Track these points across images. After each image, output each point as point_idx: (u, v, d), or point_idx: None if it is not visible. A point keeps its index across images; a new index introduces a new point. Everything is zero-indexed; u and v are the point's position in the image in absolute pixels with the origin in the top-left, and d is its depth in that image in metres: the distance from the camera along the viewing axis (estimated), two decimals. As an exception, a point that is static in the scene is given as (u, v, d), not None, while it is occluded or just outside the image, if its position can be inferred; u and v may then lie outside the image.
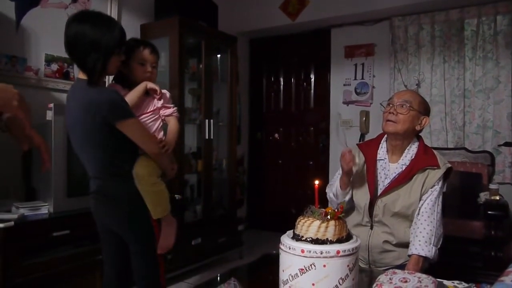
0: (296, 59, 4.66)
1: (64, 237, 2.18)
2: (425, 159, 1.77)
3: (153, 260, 1.74)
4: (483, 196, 2.97)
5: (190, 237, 3.21)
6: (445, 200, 1.81)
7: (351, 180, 1.82)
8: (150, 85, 1.77)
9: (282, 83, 4.78)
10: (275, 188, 4.79)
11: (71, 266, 2.21)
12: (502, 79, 3.53)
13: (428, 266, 1.71)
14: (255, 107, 4.91)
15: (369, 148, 1.89)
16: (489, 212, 2.79)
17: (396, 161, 1.82)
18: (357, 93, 4.22)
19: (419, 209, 1.75)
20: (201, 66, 3.45)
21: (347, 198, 1.84)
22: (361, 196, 1.81)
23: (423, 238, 1.68)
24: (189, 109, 3.52)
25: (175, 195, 2.99)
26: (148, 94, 1.79)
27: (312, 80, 4.60)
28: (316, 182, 1.32)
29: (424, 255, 1.66)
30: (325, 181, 2.23)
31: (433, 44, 3.79)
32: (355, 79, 4.22)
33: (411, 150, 1.81)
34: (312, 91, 4.59)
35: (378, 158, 1.85)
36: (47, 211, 2.18)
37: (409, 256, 1.70)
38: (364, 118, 4.10)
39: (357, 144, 1.95)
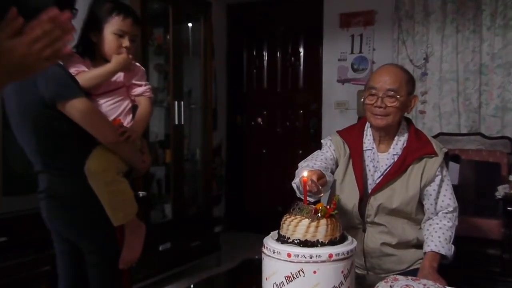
0: (283, 29, 4.64)
1: (0, 245, 2.13)
2: (419, 147, 1.80)
3: (114, 273, 1.72)
4: (502, 190, 3.02)
5: (158, 242, 3.20)
6: (456, 196, 1.85)
7: (332, 177, 1.80)
8: (124, 66, 1.69)
9: (266, 58, 4.76)
10: (259, 182, 4.80)
11: (9, 280, 2.16)
12: (526, 52, 3.59)
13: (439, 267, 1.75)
14: (234, 87, 4.88)
15: (352, 136, 1.90)
16: (508, 209, 2.85)
17: (385, 151, 1.85)
18: (354, 70, 4.23)
19: (435, 209, 1.79)
20: (168, 37, 3.41)
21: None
22: (349, 194, 1.82)
23: (443, 235, 1.74)
24: (155, 89, 3.45)
25: (139, 192, 2.97)
26: None
27: (301, 54, 4.59)
28: (305, 174, 1.33)
29: (444, 253, 1.71)
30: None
31: (444, 11, 3.81)
32: (352, 53, 4.23)
33: (402, 137, 1.84)
34: (302, 67, 4.59)
35: (364, 148, 1.86)
36: (-25, 213, 2.14)
37: (425, 253, 1.74)
38: (362, 99, 4.12)
39: (337, 132, 1.95)
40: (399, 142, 1.83)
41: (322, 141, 1.97)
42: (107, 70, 1.67)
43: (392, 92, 1.76)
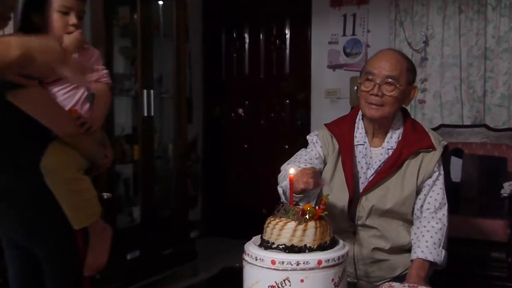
0: (266, 8, 4.63)
1: None
2: (416, 139, 1.81)
3: (75, 284, 1.71)
4: (508, 187, 3.08)
5: (125, 250, 3.18)
6: (458, 194, 1.87)
7: (321, 177, 1.81)
8: (77, 47, 1.68)
9: (247, 40, 4.74)
10: (240, 181, 4.80)
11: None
12: (535, 35, 3.65)
13: (433, 274, 1.77)
14: (212, 73, 4.86)
15: (342, 130, 1.90)
16: (515, 208, 2.91)
17: (379, 145, 1.86)
18: (347, 54, 4.25)
19: (422, 206, 1.80)
20: (135, 16, 3.38)
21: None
22: (338, 195, 1.82)
23: (431, 239, 1.73)
24: (120, 75, 3.45)
25: (103, 194, 2.95)
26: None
27: (288, 36, 4.58)
28: (291, 171, 1.33)
29: (432, 260, 1.71)
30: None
31: (446, -11, 3.86)
32: (344, 35, 4.24)
33: (397, 130, 1.85)
34: (288, 51, 4.58)
35: (355, 142, 1.87)
36: None
37: (412, 261, 1.74)
38: (356, 87, 4.14)
39: (325, 125, 1.95)
40: (394, 135, 1.84)
41: (307, 137, 1.97)
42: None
43: (391, 80, 1.76)
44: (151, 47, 3.42)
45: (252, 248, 1.13)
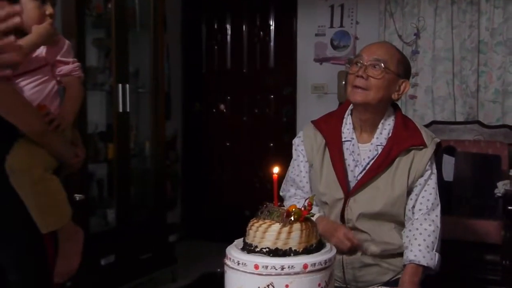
0: (249, -3, 4.63)
1: None
2: (407, 136, 1.82)
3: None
4: (502, 187, 3.11)
5: (99, 255, 3.15)
6: (451, 193, 1.89)
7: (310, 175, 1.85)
8: (48, 38, 1.67)
9: (229, 32, 4.74)
10: (221, 181, 4.80)
11: None
12: (531, 27, 3.69)
13: (425, 278, 1.78)
14: (191, 67, 4.85)
15: (329, 125, 1.91)
16: (509, 208, 2.92)
17: (367, 141, 1.86)
18: (334, 47, 4.26)
19: (414, 206, 1.81)
20: (109, 5, 3.35)
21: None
22: (330, 194, 1.84)
23: (424, 242, 1.74)
24: (94, 68, 3.43)
25: (75, 195, 2.94)
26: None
27: (272, 28, 4.59)
28: (276, 170, 1.32)
29: (425, 264, 1.72)
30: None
31: (438, -22, 3.89)
32: (332, 27, 4.26)
33: (387, 125, 1.86)
34: (272, 44, 4.60)
35: (343, 138, 1.88)
36: None
37: (404, 265, 1.76)
38: (344, 82, 4.16)
39: (312, 122, 1.96)
40: (384, 131, 1.85)
41: (293, 141, 2.00)
42: (28, 43, 1.64)
43: (379, 62, 1.77)
44: (127, 39, 3.40)
45: (234, 252, 1.12)
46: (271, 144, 4.55)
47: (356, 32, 4.20)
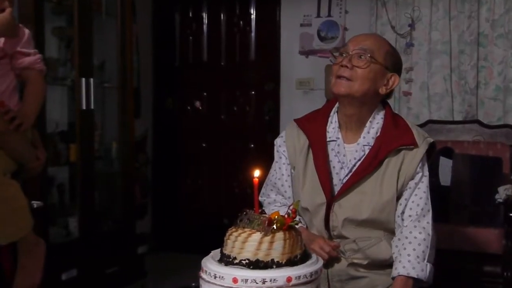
0: (228, -17, 4.63)
1: None
2: (396, 135, 1.82)
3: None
4: (504, 192, 3.13)
5: (60, 269, 3.13)
6: (448, 199, 1.89)
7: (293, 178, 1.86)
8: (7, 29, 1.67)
9: (206, 21, 4.74)
10: (197, 186, 4.79)
11: None
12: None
13: None
14: (163, 60, 4.85)
15: (313, 124, 1.91)
16: (511, 215, 2.95)
17: (354, 141, 1.87)
18: (321, 39, 4.27)
19: (403, 212, 1.81)
20: (72, -10, 3.33)
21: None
22: (311, 199, 1.85)
23: (414, 252, 1.75)
24: (53, 60, 3.40)
25: (33, 202, 2.89)
26: None
27: (253, 17, 4.60)
28: (256, 174, 1.32)
29: (415, 275, 1.72)
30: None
31: (434, -35, 3.92)
32: (319, 16, 4.27)
33: (375, 124, 1.86)
34: (253, 34, 4.60)
35: (327, 138, 1.88)
36: None
37: (393, 278, 1.76)
38: (331, 77, 4.17)
39: (295, 120, 1.97)
40: (372, 130, 1.85)
41: (275, 141, 2.01)
42: None
43: (364, 52, 1.78)
44: (91, 28, 3.38)
45: (210, 264, 1.13)
46: (252, 145, 4.55)
47: (345, 22, 4.21)
